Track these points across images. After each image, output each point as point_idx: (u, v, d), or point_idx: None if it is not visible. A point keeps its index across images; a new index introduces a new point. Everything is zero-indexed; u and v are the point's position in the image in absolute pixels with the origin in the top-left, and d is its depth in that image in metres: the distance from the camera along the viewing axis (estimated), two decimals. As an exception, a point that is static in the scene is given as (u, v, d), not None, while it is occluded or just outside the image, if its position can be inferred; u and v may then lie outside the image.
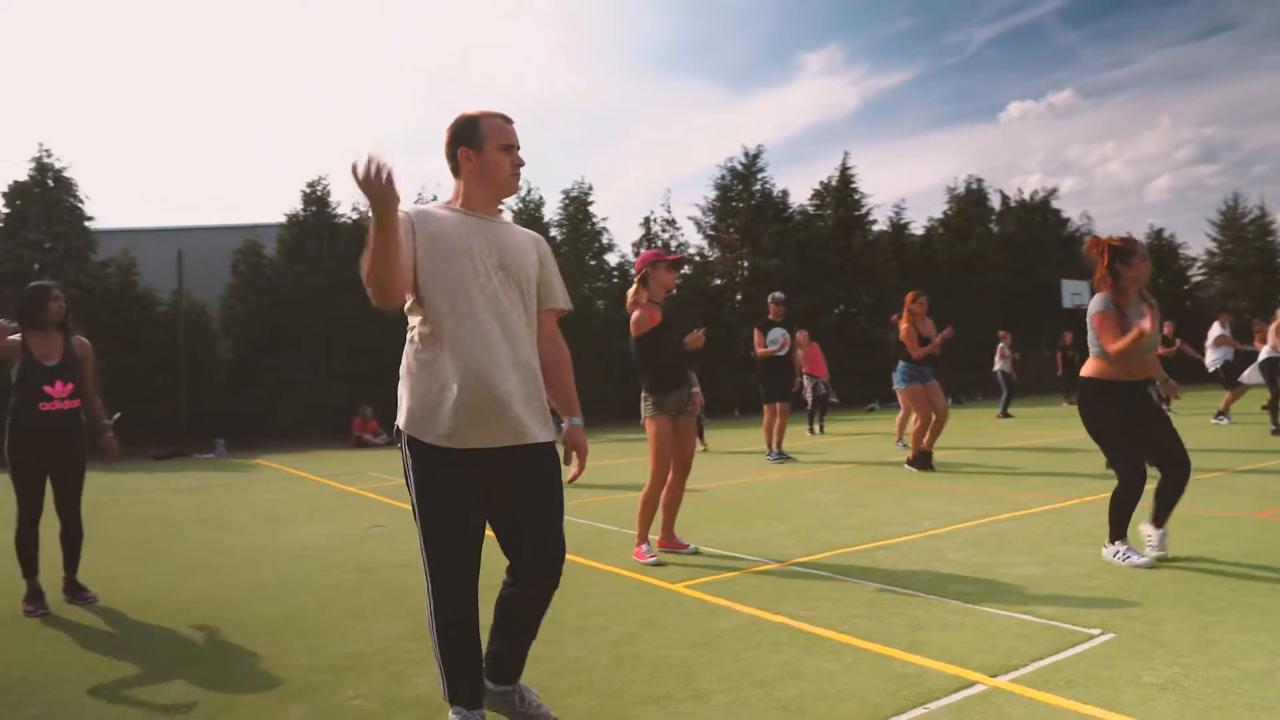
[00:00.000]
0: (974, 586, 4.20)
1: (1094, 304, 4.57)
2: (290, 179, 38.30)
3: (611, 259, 25.44)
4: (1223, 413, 12.98)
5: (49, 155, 18.83)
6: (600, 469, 11.03)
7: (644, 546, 5.27)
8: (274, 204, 44.93)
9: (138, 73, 53.68)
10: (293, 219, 21.79)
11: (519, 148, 2.65)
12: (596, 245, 24.88)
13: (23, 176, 18.62)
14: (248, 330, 20.99)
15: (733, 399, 22.97)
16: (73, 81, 51.44)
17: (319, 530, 7.05)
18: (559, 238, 24.55)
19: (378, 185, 2.10)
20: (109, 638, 4.15)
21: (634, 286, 5.46)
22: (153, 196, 50.78)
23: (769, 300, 11.10)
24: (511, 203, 24.27)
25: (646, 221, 25.97)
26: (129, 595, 4.98)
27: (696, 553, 5.35)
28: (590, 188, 25.03)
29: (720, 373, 22.64)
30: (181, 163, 50.59)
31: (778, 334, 10.98)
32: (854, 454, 11.39)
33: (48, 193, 18.63)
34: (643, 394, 5.35)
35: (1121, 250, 4.52)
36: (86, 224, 19.21)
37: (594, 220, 24.91)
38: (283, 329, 20.64)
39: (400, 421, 2.55)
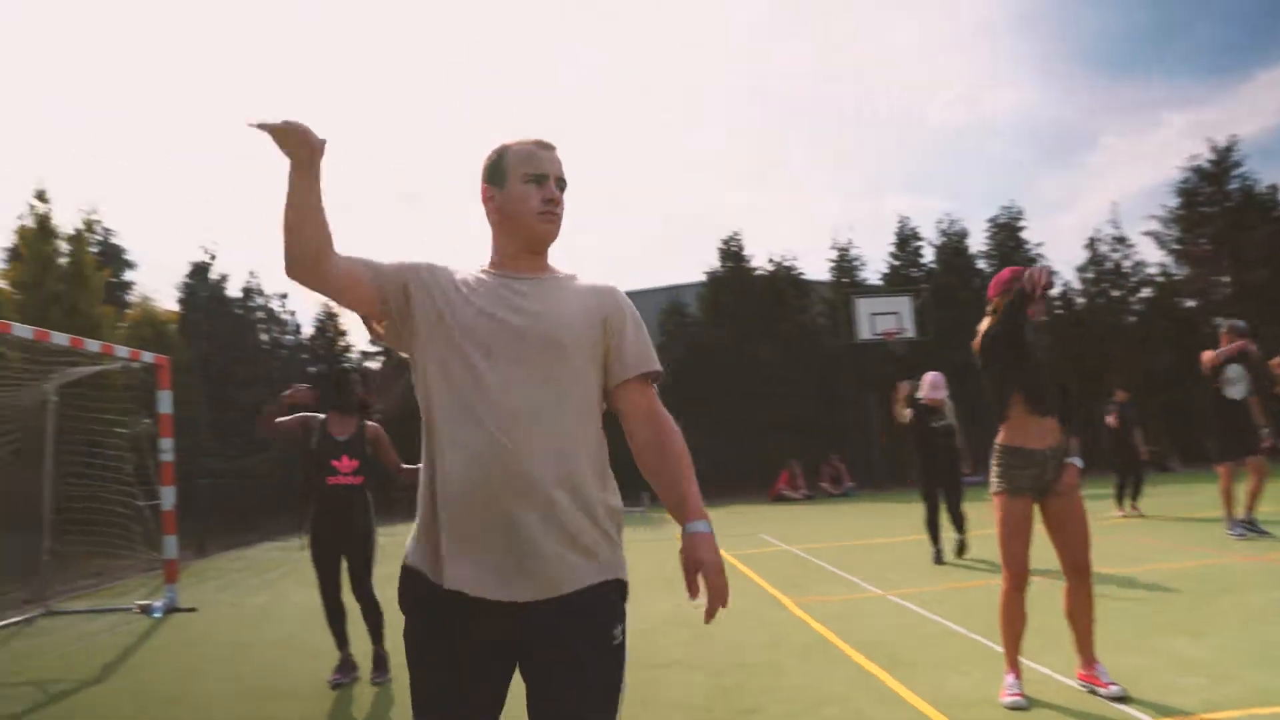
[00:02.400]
0: None
1: None
2: (708, 237, 40.37)
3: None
4: None
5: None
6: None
7: (1009, 678, 4.01)
8: (693, 264, 47.75)
9: (576, 158, 60.76)
10: (711, 276, 22.65)
11: (557, 179, 1.99)
12: (1031, 275, 22.37)
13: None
14: (676, 384, 22.12)
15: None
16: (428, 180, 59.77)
17: (636, 607, 6.78)
18: (986, 269, 22.53)
19: (296, 132, 1.75)
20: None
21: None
22: (585, 266, 56.71)
23: (1221, 330, 8.81)
24: (932, 236, 22.89)
25: (1092, 243, 22.83)
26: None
27: (1124, 697, 3.83)
28: (1020, 212, 22.68)
29: (1196, 413, 18.85)
30: (610, 235, 56.17)
31: (1236, 372, 8.66)
32: (1367, 527, 8.49)
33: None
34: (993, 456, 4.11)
35: None
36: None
37: (1026, 247, 22.46)
38: (708, 380, 21.41)
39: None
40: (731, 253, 22.82)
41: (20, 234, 14.93)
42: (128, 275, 21.34)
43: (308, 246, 1.82)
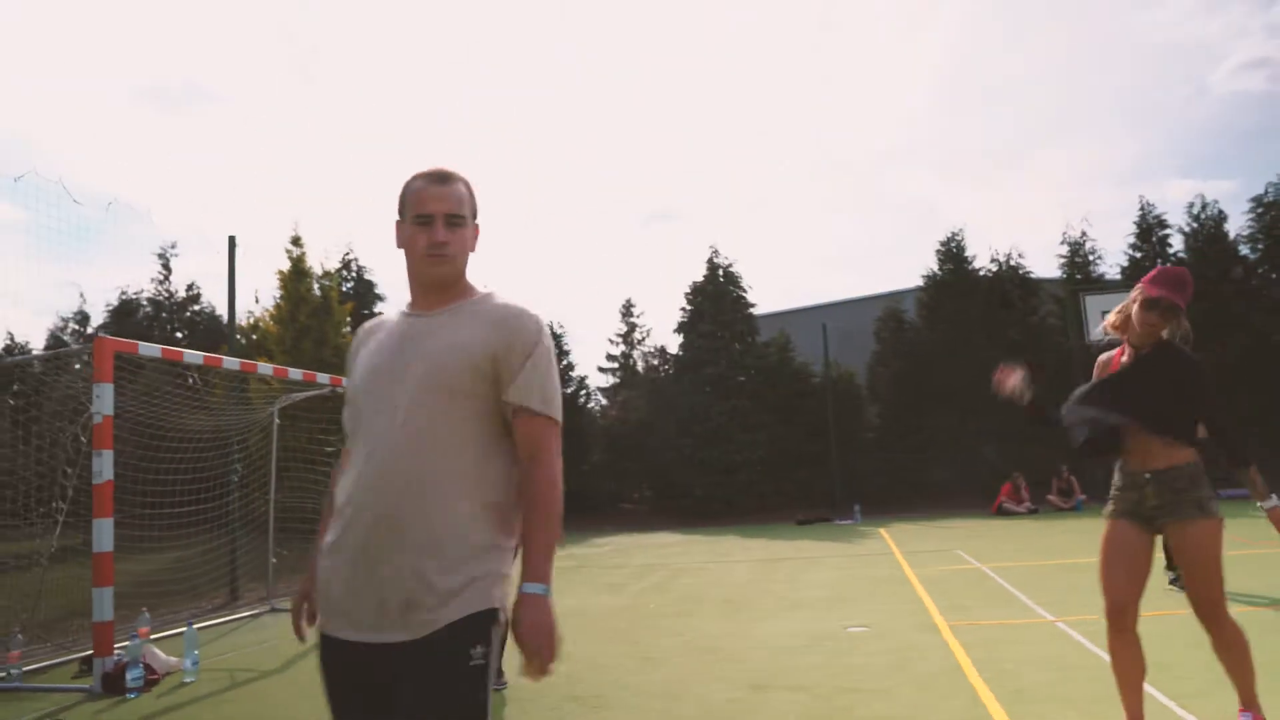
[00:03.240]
0: None
1: None
2: (925, 240, 38.26)
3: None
4: None
5: (718, 255, 21.89)
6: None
7: None
8: (910, 269, 45.22)
9: (785, 178, 59.73)
10: (930, 279, 21.65)
11: (449, 215, 1.96)
12: (1309, 259, 19.55)
13: (699, 278, 21.89)
14: (894, 394, 21.32)
15: None
16: (739, 194, 59.66)
17: (793, 625, 6.64)
18: (1250, 255, 19.94)
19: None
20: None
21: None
22: (802, 281, 56.05)
23: None
24: (1182, 222, 20.63)
25: (1392, 217, 19.60)
26: (533, 684, 5.25)
27: None
28: (1291, 186, 19.84)
29: None
30: (821, 246, 55.05)
31: None
32: None
33: (718, 288, 21.59)
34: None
35: None
36: (749, 311, 21.70)
37: (1303, 228, 19.64)
38: (928, 390, 20.46)
39: None
40: (952, 254, 21.68)
41: (280, 276, 16.96)
42: (379, 307, 23.52)
43: None
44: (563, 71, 66.52)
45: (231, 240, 11.13)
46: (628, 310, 24.86)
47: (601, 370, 24.66)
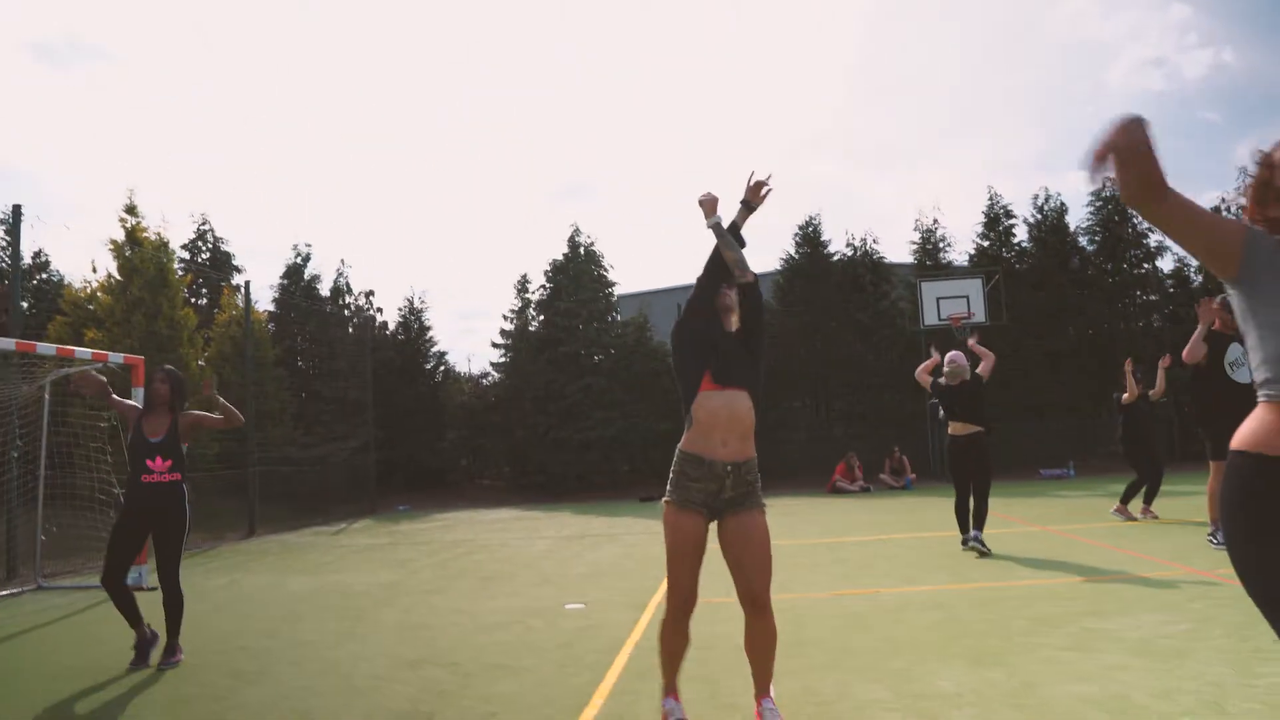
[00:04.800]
0: None
1: None
2: (784, 225, 39.31)
3: (1165, 264, 20.93)
4: None
5: (579, 234, 21.92)
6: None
7: (668, 702, 3.70)
8: (770, 251, 46.30)
9: (648, 164, 60.25)
10: (787, 263, 22.12)
11: None
12: (1138, 252, 20.65)
13: (559, 256, 21.91)
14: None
15: None
16: (594, 173, 60.09)
17: (521, 602, 6.79)
18: (1088, 247, 20.99)
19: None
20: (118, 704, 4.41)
21: None
22: (663, 260, 57.09)
23: (1212, 303, 7.73)
24: (1027, 213, 21.48)
25: (1216, 211, 20.81)
26: (202, 657, 5.27)
27: None
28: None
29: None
30: (679, 227, 56.33)
31: (1237, 353, 7.74)
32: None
33: (578, 265, 21.65)
34: None
35: None
36: (608, 291, 21.83)
37: (1134, 222, 20.69)
38: (782, 371, 20.94)
39: None
40: (809, 238, 22.18)
41: (113, 246, 16.33)
42: (236, 279, 22.85)
43: None
44: (564, 71, 65.48)
45: (16, 209, 10.72)
46: (523, 286, 24.47)
47: (495, 346, 24.15)
